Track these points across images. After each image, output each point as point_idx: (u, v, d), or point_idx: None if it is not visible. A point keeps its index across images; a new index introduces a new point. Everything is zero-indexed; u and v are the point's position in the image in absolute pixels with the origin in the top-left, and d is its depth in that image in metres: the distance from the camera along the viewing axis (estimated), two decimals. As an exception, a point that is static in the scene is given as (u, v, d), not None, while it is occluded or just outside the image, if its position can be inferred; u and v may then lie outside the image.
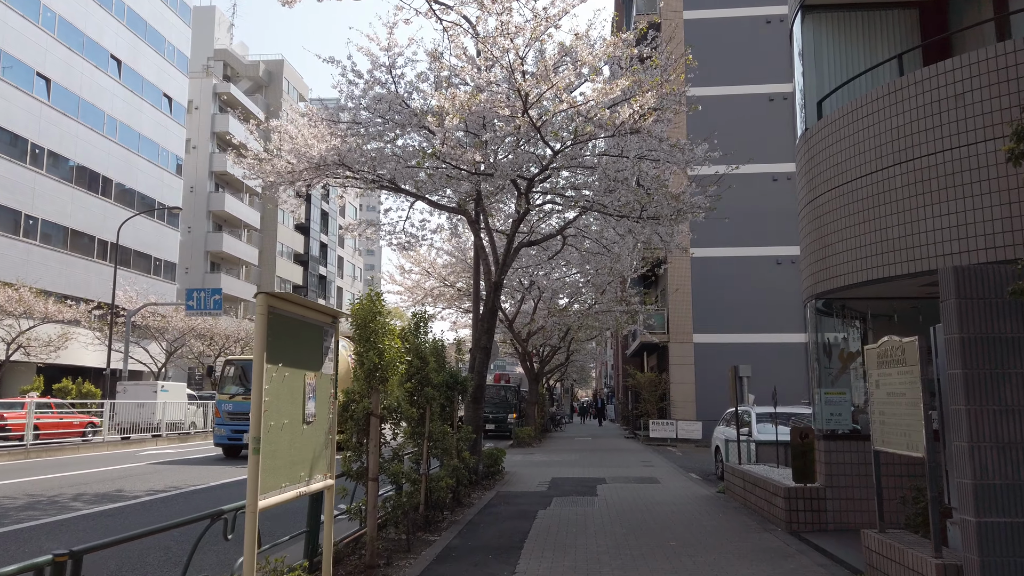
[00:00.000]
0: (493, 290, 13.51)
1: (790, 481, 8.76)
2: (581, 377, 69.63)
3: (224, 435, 18.69)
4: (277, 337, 4.33)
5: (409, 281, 26.37)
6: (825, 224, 8.38)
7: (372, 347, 6.76)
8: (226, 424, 18.60)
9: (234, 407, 18.38)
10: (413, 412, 8.97)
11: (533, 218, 15.86)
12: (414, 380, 9.27)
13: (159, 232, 45.41)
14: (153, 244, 44.55)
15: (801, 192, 9.23)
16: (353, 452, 6.83)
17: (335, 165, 13.13)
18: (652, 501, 11.21)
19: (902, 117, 7.29)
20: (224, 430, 18.67)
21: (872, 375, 6.12)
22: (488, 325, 13.68)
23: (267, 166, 13.35)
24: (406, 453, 9.46)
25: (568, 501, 11.26)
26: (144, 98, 44.65)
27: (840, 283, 8.09)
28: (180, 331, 38.62)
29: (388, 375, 6.84)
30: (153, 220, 44.63)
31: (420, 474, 9.19)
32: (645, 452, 22.64)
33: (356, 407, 6.70)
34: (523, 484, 13.55)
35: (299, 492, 4.59)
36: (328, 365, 5.20)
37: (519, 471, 15.90)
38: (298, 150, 13.13)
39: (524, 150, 11.05)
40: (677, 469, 16.90)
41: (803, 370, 28.38)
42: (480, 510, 10.47)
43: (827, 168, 8.34)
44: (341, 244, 79.36)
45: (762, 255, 29.12)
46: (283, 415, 4.38)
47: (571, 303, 26.22)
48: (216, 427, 19.18)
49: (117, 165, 41.60)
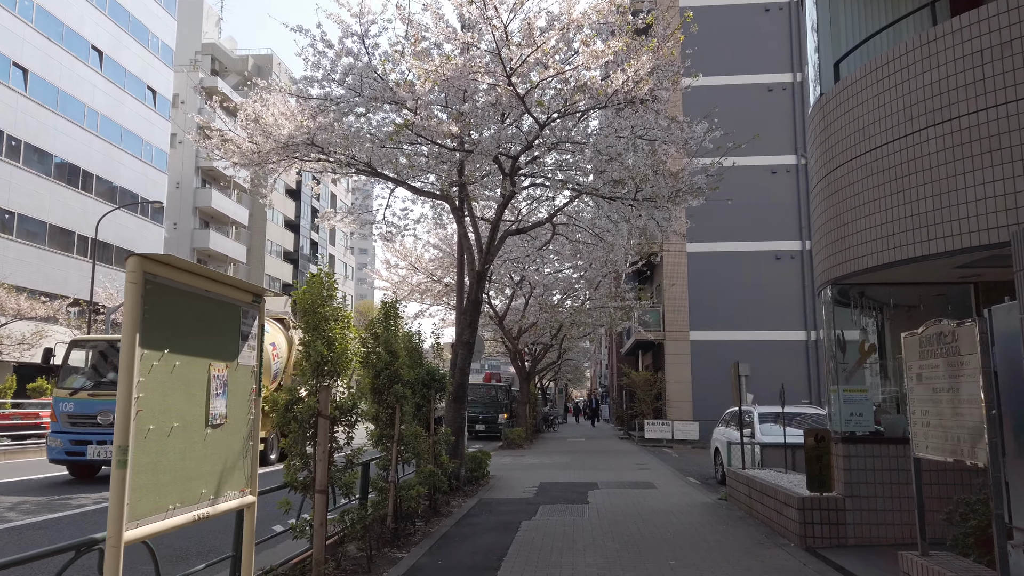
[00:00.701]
0: (477, 280, 12.52)
1: (803, 489, 7.78)
2: (575, 376, 68.59)
3: (60, 448, 12.71)
4: (163, 315, 3.32)
5: (395, 276, 25.36)
6: (844, 199, 7.40)
7: (320, 336, 5.76)
8: (64, 432, 12.77)
9: (77, 407, 12.87)
10: (375, 412, 8.01)
11: (521, 206, 14.87)
12: (383, 376, 8.31)
13: (143, 228, 44.24)
14: (136, 241, 43.36)
15: (815, 166, 8.26)
16: (299, 460, 5.83)
17: (305, 146, 12.12)
18: (648, 510, 10.23)
19: (936, 72, 6.32)
20: (60, 440, 12.71)
21: (912, 368, 5.15)
22: (471, 318, 12.68)
23: (231, 147, 12.33)
24: (372, 459, 8.47)
25: (556, 510, 10.27)
26: (127, 91, 43.49)
27: (861, 266, 7.11)
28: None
29: (340, 369, 5.85)
30: (136, 216, 43.48)
31: (388, 482, 8.21)
32: (640, 454, 21.67)
33: (300, 406, 5.70)
34: (509, 490, 12.56)
35: (197, 515, 3.58)
36: (248, 355, 4.19)
37: (506, 475, 14.91)
38: (266, 129, 12.12)
39: (507, 125, 10.05)
40: (674, 472, 15.93)
41: (804, 368, 27.48)
42: (458, 520, 9.47)
43: (846, 136, 7.37)
44: (332, 242, 78.24)
45: (760, 250, 28.18)
46: (171, 416, 3.38)
47: (564, 299, 25.24)
48: (50, 437, 13.04)
49: (98, 159, 40.45)
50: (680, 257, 28.33)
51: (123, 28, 43.30)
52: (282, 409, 5.65)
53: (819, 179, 8.16)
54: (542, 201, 14.71)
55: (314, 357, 5.68)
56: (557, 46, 9.22)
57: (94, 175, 40.12)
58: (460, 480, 12.11)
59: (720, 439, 14.74)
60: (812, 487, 7.53)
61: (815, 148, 8.25)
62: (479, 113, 9.29)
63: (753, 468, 10.79)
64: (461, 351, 12.53)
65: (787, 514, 7.74)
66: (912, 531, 7.04)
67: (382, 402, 8.31)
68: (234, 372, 4.00)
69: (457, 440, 12.29)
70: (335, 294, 6.03)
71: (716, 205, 22.25)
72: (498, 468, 16.13)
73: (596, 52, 8.44)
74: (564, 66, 9.24)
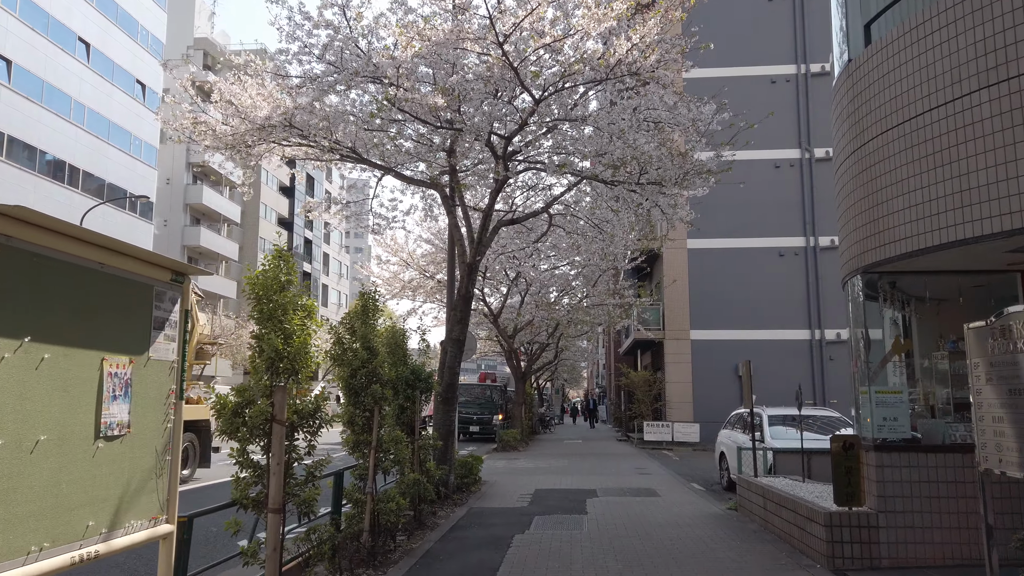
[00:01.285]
0: (468, 273, 11.67)
1: (829, 503, 6.94)
2: (572, 377, 67.80)
3: None
4: (19, 291, 2.47)
5: (386, 272, 24.52)
6: (878, 176, 6.57)
7: (276, 328, 4.91)
8: None
9: None
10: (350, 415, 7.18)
11: (516, 196, 14.03)
12: (359, 375, 7.47)
13: (131, 224, 43.26)
14: (124, 237, 41.52)
15: (842, 142, 7.41)
16: (251, 473, 4.98)
17: (283, 128, 11.27)
18: (652, 521, 9.38)
19: (991, 26, 5.48)
20: None
21: (977, 365, 4.31)
22: (462, 314, 11.83)
23: (203, 128, 11.46)
24: (348, 467, 7.63)
25: (552, 521, 9.42)
26: (115, 84, 42.56)
27: (898, 251, 6.28)
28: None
29: (299, 366, 5.00)
30: (125, 212, 42.56)
31: (365, 493, 7.36)
32: (640, 457, 20.83)
33: (252, 410, 4.84)
34: (501, 498, 11.71)
35: (80, 556, 2.73)
36: (165, 347, 3.34)
37: (499, 480, 14.06)
38: (241, 109, 11.26)
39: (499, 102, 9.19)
40: (677, 478, 15.09)
41: (808, 369, 26.63)
42: (444, 534, 8.62)
43: (880, 104, 6.53)
44: (327, 241, 77.29)
45: (763, 246, 27.34)
46: (35, 427, 2.52)
47: (561, 296, 24.39)
48: None
49: (85, 153, 39.52)
50: (681, 254, 27.49)
51: (111, 20, 42.38)
52: (230, 414, 4.80)
53: (846, 156, 7.32)
54: (538, 191, 13.88)
55: (267, 352, 4.83)
56: (555, 15, 8.38)
57: (80, 170, 39.19)
58: (449, 488, 11.27)
59: (726, 443, 13.90)
60: (840, 500, 6.69)
61: (841, 122, 7.41)
62: (468, 87, 8.43)
63: (765, 475, 9.94)
64: (451, 349, 11.68)
65: (811, 530, 6.89)
66: (956, 552, 6.23)
67: (359, 404, 7.47)
68: (143, 369, 3.15)
69: (446, 444, 11.45)
70: (295, 278, 5.18)
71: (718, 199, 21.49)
72: (491, 473, 15.30)
73: (597, 15, 7.58)
74: (561, 35, 8.39)
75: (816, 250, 27.03)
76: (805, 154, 27.59)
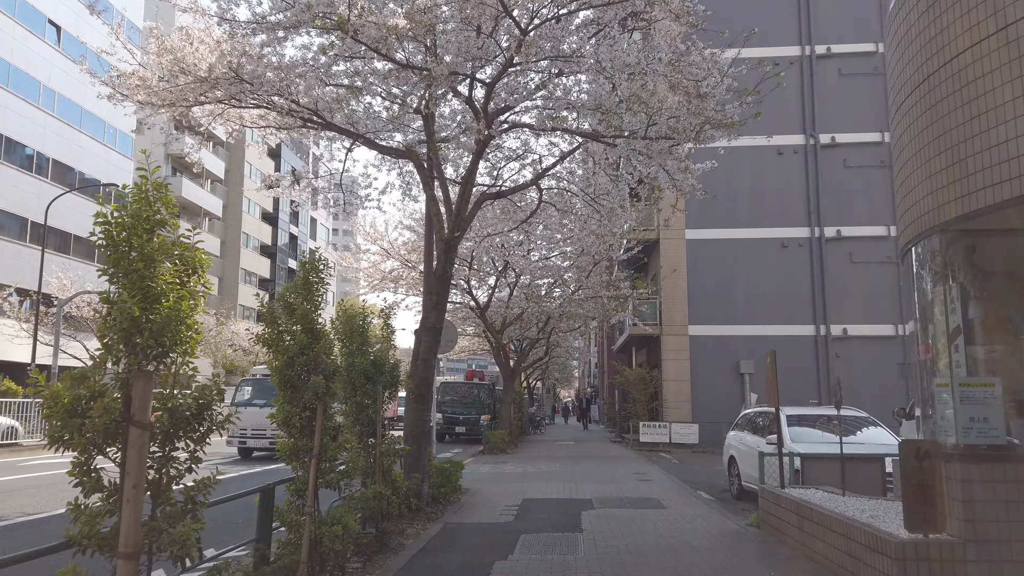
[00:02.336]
0: (445, 251, 10.12)
1: (894, 526, 5.44)
2: (564, 376, 66.38)
3: None
4: None
5: (366, 262, 22.96)
6: (963, 105, 5.05)
7: (135, 285, 3.36)
8: None
9: None
10: (285, 414, 5.67)
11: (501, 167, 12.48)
12: (297, 364, 5.93)
13: (104, 216, 41.49)
14: (96, 229, 40.66)
15: (905, 72, 5.89)
16: (104, 496, 3.41)
17: (230, 82, 9.69)
18: (661, 543, 7.85)
19: None
20: None
21: None
22: (438, 298, 10.29)
23: (134, 81, 9.89)
24: (280, 482, 6.11)
25: (541, 542, 7.88)
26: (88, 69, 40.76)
27: (995, 198, 4.77)
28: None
29: (170, 342, 3.44)
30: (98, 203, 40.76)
31: (303, 514, 5.81)
32: (637, 460, 19.32)
33: (96, 406, 3.27)
34: (483, 510, 10.17)
35: None
36: None
37: (483, 488, 12.52)
38: (180, 59, 9.70)
39: (480, 36, 7.64)
40: (680, 484, 13.58)
41: (813, 366, 25.13)
42: (409, 560, 7.08)
43: (969, 9, 5.02)
44: (313, 236, 75.55)
45: (766, 237, 25.86)
46: None
47: (553, 286, 22.88)
48: None
49: (55, 141, 37.76)
50: (679, 245, 26.01)
51: (83, 1, 40.61)
52: (63, 412, 3.24)
53: (912, 88, 5.80)
54: (527, 163, 12.34)
55: (121, 321, 3.28)
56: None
57: (50, 158, 37.45)
58: (423, 499, 9.72)
59: (737, 446, 12.40)
60: (913, 526, 5.18)
61: (903, 48, 5.90)
62: (434, 11, 6.89)
63: (793, 486, 8.43)
64: (425, 338, 10.13)
65: (874, 563, 5.37)
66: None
67: (297, 401, 5.93)
68: None
69: (419, 449, 9.91)
70: (170, 220, 3.63)
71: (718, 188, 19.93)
72: (475, 479, 13.76)
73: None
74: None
75: (822, 241, 25.59)
76: (810, 140, 26.17)
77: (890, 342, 24.91)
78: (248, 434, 18.13)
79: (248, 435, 18.14)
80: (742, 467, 12.00)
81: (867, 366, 24.31)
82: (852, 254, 25.35)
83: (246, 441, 18.28)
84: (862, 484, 8.21)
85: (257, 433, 17.91)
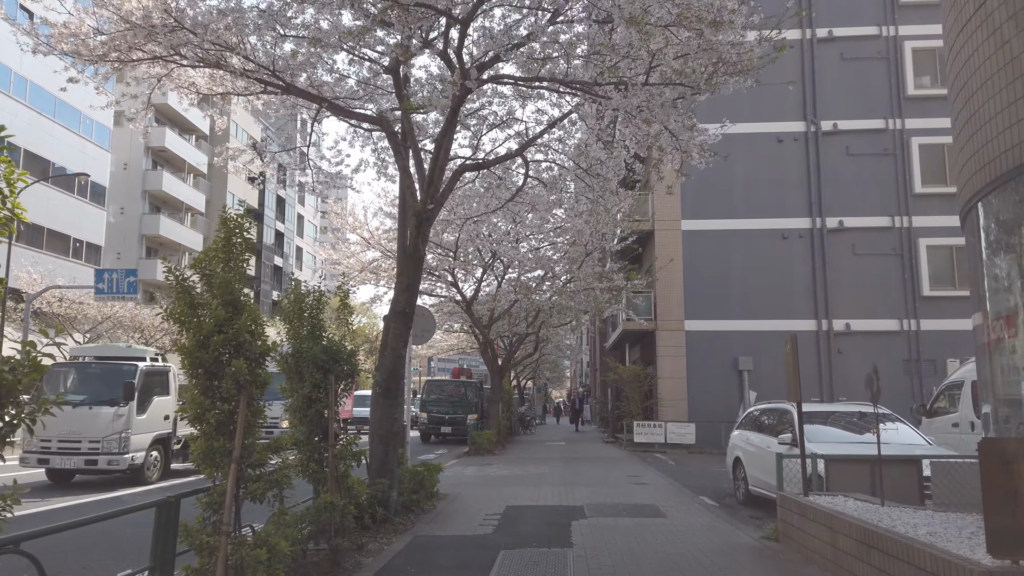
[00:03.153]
0: (416, 226, 8.92)
1: (967, 548, 4.29)
2: (555, 376, 65.21)
3: None
4: None
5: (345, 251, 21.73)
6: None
7: None
8: None
9: None
10: (198, 407, 4.44)
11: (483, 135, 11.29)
12: (213, 345, 4.74)
13: (80, 210, 40.09)
14: (72, 223, 39.22)
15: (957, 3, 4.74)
16: None
17: (170, 33, 8.48)
18: (666, 561, 6.68)
19: None
20: None
21: None
22: (409, 279, 9.08)
23: (60, 31, 8.69)
24: (187, 493, 4.92)
25: (523, 560, 6.69)
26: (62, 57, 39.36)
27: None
28: (95, 320, 33.52)
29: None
30: (74, 196, 39.37)
31: (216, 533, 4.61)
32: (631, 462, 18.15)
33: None
34: (460, 519, 8.98)
35: None
36: None
37: (463, 493, 11.32)
38: (115, 6, 8.49)
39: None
40: (680, 488, 12.41)
41: (815, 362, 24.01)
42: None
43: None
44: (300, 233, 74.17)
45: (765, 228, 24.73)
46: None
47: (543, 279, 21.69)
48: None
49: (25, 130, 36.18)
50: (674, 236, 24.88)
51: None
52: None
53: (972, 12, 4.65)
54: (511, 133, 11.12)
55: None
56: None
57: (21, 148, 35.98)
58: (390, 507, 8.50)
59: (744, 447, 11.25)
60: (999, 549, 4.02)
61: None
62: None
63: (816, 492, 7.26)
64: (395, 324, 8.91)
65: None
66: None
67: (212, 391, 4.73)
68: None
69: (386, 451, 8.70)
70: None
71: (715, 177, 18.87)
72: (455, 482, 12.57)
73: None
74: None
75: (823, 232, 24.48)
76: (811, 127, 25.08)
77: (895, 337, 23.83)
78: (53, 447, 12.28)
79: (53, 449, 12.30)
80: (749, 470, 10.86)
81: (871, 363, 23.22)
82: (855, 246, 24.26)
83: (49, 459, 12.37)
84: (894, 490, 7.07)
85: (66, 447, 12.28)
